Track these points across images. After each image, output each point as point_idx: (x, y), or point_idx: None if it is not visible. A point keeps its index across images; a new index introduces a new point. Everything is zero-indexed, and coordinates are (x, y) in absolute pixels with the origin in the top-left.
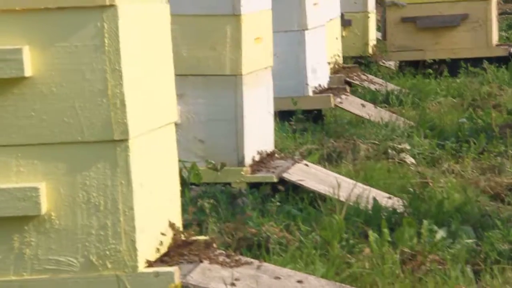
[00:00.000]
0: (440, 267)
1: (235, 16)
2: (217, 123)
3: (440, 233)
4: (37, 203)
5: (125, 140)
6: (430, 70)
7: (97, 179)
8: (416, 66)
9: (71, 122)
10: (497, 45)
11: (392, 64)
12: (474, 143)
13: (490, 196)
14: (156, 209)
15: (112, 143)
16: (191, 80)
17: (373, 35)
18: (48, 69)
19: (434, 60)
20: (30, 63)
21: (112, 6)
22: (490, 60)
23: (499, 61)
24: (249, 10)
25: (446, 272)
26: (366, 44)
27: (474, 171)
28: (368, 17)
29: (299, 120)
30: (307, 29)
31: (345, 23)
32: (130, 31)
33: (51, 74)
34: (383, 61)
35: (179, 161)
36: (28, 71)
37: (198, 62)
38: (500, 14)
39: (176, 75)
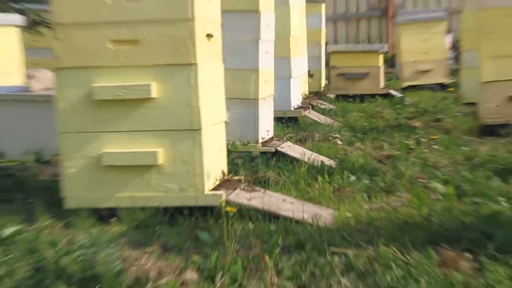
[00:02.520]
0: (352, 193)
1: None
2: (244, 124)
3: (352, 178)
4: (156, 158)
5: (199, 129)
6: (351, 99)
7: (186, 148)
8: (344, 97)
9: (173, 121)
10: (382, 88)
11: (333, 96)
12: (371, 135)
13: (378, 161)
14: (215, 162)
15: (193, 131)
16: (232, 100)
17: (323, 82)
18: (166, 93)
19: (354, 95)
20: (155, 90)
21: (195, 64)
22: (380, 95)
23: (384, 96)
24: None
25: (356, 197)
26: (320, 86)
27: (371, 148)
28: (321, 72)
29: (286, 122)
30: (291, 77)
31: (310, 75)
32: (204, 75)
33: (164, 95)
34: (328, 94)
35: (227, 140)
36: (154, 94)
37: (235, 89)
38: (385, 72)
39: (227, 98)
